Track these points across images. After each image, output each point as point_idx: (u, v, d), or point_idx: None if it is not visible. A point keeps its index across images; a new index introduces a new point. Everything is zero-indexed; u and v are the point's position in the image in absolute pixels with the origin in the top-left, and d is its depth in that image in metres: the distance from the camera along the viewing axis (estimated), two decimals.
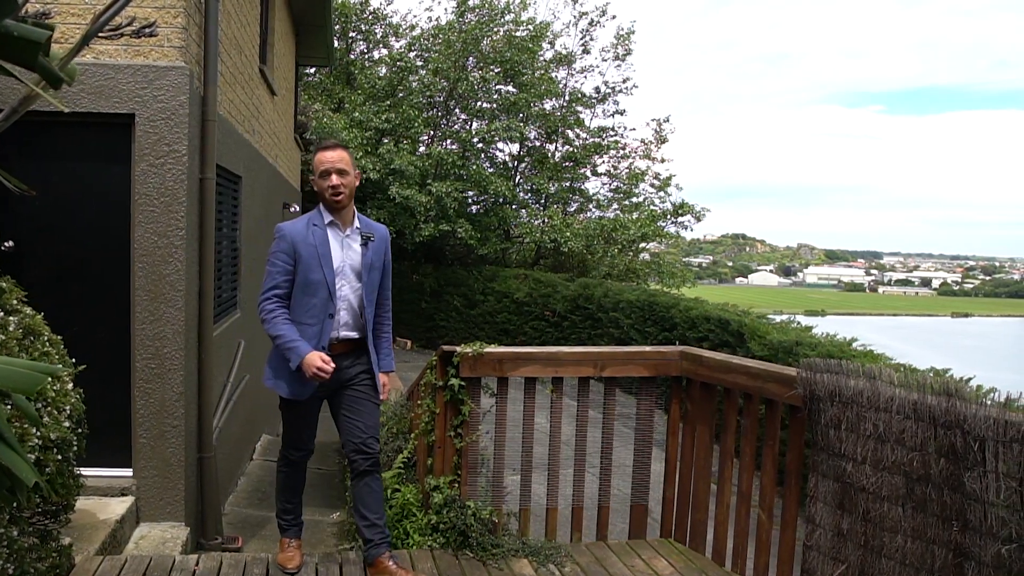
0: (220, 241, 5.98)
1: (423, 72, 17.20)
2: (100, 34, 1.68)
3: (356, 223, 3.85)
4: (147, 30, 1.92)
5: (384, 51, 18.64)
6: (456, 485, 4.34)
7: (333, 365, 3.64)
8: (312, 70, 17.55)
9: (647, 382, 4.45)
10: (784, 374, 3.60)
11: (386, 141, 16.51)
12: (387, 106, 16.58)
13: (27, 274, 4.68)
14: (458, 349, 4.24)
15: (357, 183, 3.86)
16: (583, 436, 4.41)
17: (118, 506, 4.61)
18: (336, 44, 17.16)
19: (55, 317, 4.15)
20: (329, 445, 8.55)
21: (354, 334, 3.84)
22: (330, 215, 3.79)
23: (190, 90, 4.77)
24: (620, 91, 18.24)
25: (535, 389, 4.38)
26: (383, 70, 17.90)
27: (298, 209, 11.62)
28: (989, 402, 2.81)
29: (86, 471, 4.06)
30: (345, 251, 3.78)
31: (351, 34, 18.45)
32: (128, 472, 4.86)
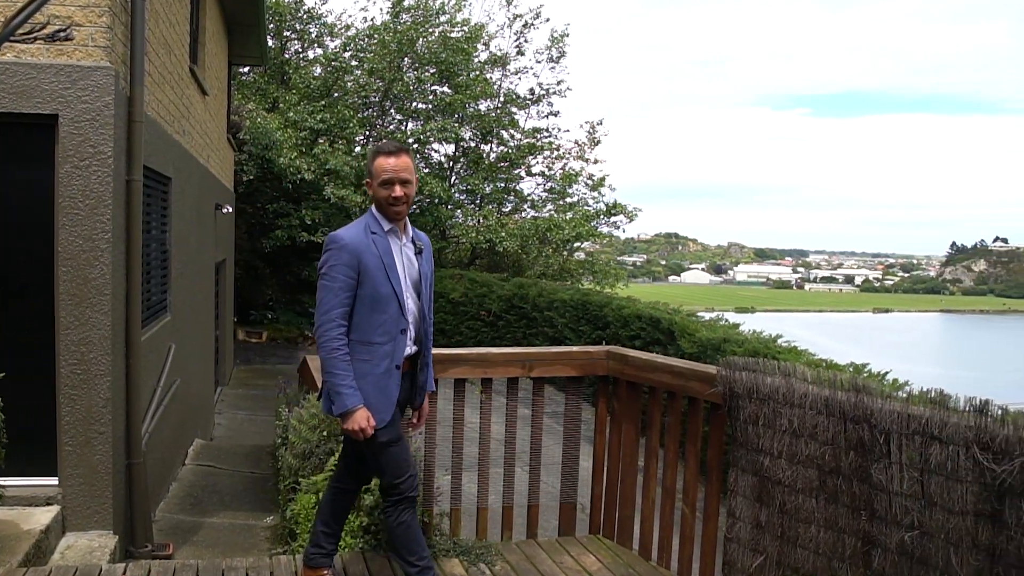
0: (148, 244, 5.85)
1: (358, 72, 17.08)
2: (12, 38, 1.65)
3: (410, 231, 3.53)
4: (62, 34, 1.88)
5: (319, 51, 18.44)
6: None
7: (373, 429, 3.36)
8: (246, 69, 17.27)
9: (575, 381, 4.51)
10: (705, 372, 3.69)
11: (321, 141, 16.34)
12: (322, 106, 16.41)
13: None
14: None
15: (416, 189, 3.57)
16: (512, 436, 4.44)
17: (43, 516, 4.48)
18: (270, 43, 16.90)
19: None
20: (263, 448, 8.42)
21: (414, 348, 3.52)
22: (389, 222, 3.44)
23: (115, 90, 4.66)
24: (554, 93, 18.41)
25: (465, 390, 4.39)
26: (318, 70, 17.72)
27: (231, 210, 11.42)
28: (898, 396, 2.92)
29: (8, 481, 3.94)
30: (406, 261, 3.47)
31: (285, 33, 18.20)
32: (54, 481, 4.73)
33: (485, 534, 4.51)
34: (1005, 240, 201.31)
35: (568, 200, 17.96)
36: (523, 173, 18.01)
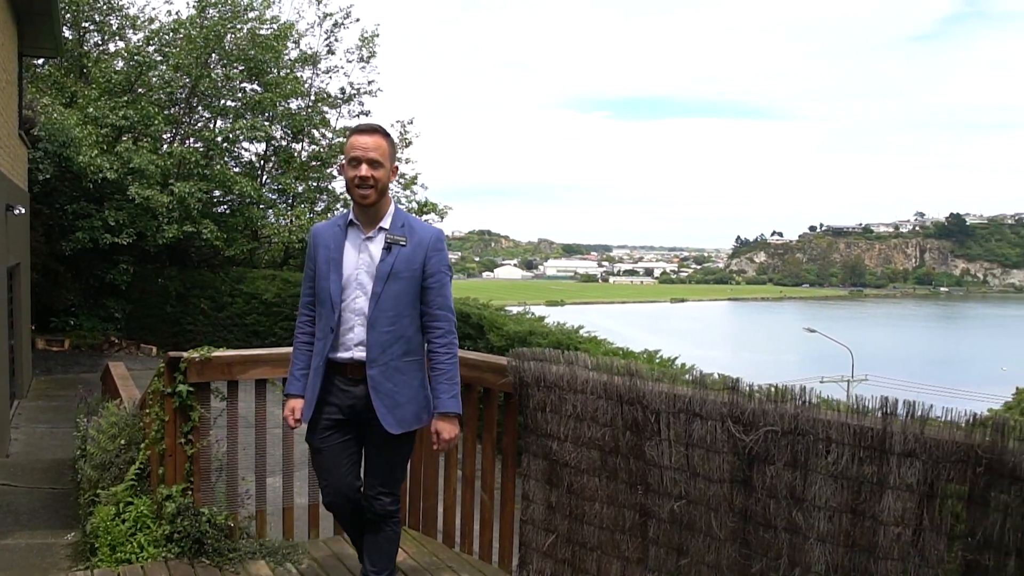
0: None
1: (163, 68, 16.08)
2: None
3: (386, 223, 3.14)
4: None
5: (121, 44, 17.19)
6: (189, 493, 4.14)
7: (297, 422, 3.24)
8: (40, 61, 15.80)
9: None
10: (497, 363, 3.77)
11: (124, 139, 15.26)
12: (125, 102, 15.32)
13: None
14: (184, 355, 4.04)
15: (393, 178, 3.20)
16: None
17: None
18: (67, 35, 15.56)
19: None
20: (64, 462, 7.80)
21: (360, 353, 3.11)
22: (352, 214, 3.17)
23: None
24: (365, 92, 18.15)
25: (267, 391, 4.26)
26: (120, 64, 16.52)
27: (23, 211, 10.43)
28: (665, 377, 3.11)
29: None
30: (361, 255, 3.12)
31: (84, 24, 16.81)
32: None
33: (292, 534, 4.41)
34: (781, 234, 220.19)
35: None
36: (335, 172, 17.61)
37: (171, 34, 16.50)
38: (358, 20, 18.19)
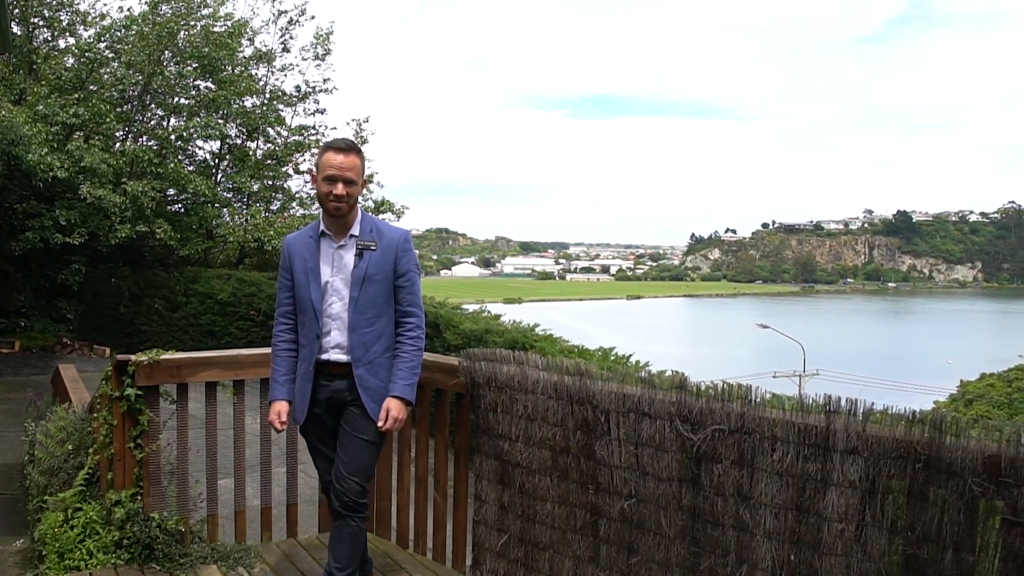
0: None
1: (115, 65, 15.69)
2: None
3: (356, 230, 3.31)
4: None
5: (71, 40, 16.73)
6: (139, 498, 4.06)
7: (284, 424, 3.39)
8: None
9: None
10: (449, 364, 3.74)
11: (76, 137, 14.86)
12: (76, 99, 14.90)
13: None
14: (132, 358, 3.95)
15: (362, 191, 3.41)
16: (268, 437, 4.27)
17: None
18: (16, 30, 15.10)
19: None
20: (14, 467, 7.58)
21: (344, 357, 3.28)
22: (323, 224, 3.32)
23: None
24: (321, 91, 17.87)
25: (216, 393, 4.17)
26: (71, 60, 16.08)
27: None
28: (615, 376, 3.11)
29: None
30: (335, 263, 3.29)
31: (33, 20, 16.33)
32: None
33: (244, 537, 4.34)
34: (734, 231, 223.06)
35: None
36: (291, 171, 17.35)
37: (123, 31, 16.11)
38: (313, 18, 18.00)
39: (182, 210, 16.55)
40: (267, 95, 17.32)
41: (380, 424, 3.24)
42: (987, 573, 2.24)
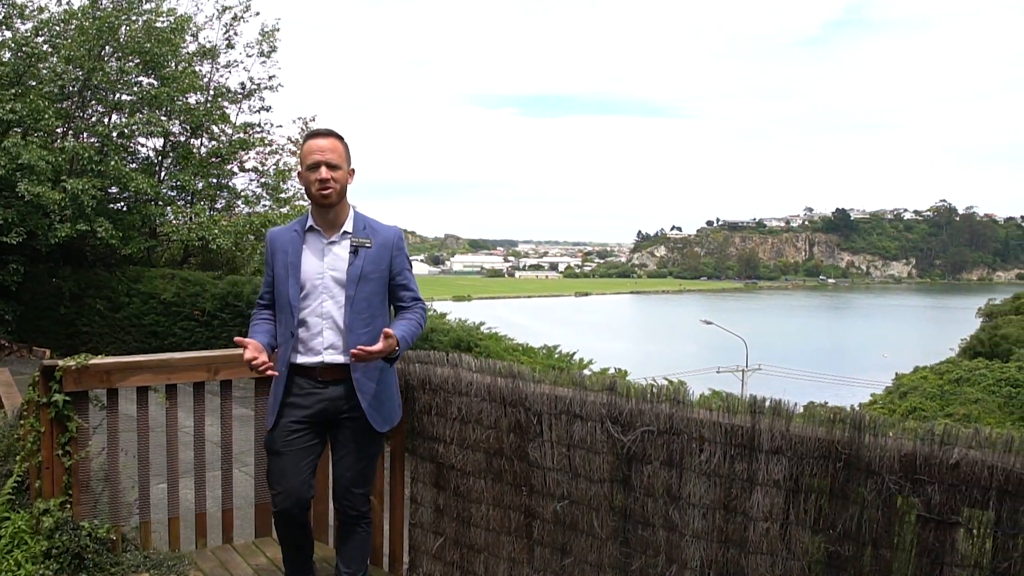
0: None
1: (54, 60, 15.19)
2: None
3: (349, 227, 3.13)
4: None
5: (8, 34, 16.14)
6: (69, 506, 3.92)
7: (258, 359, 2.99)
8: None
9: (265, 381, 4.31)
10: None
11: (14, 133, 14.36)
12: (12, 95, 14.39)
13: None
14: (60, 363, 3.82)
15: (351, 180, 3.15)
16: (201, 442, 4.16)
17: None
18: None
19: None
20: None
21: (341, 358, 3.07)
22: (312, 218, 3.13)
23: None
24: (266, 88, 17.53)
25: (148, 398, 4.05)
26: (7, 55, 15.52)
27: None
28: (547, 378, 3.08)
29: None
30: (326, 259, 3.10)
31: None
32: None
33: (178, 544, 4.21)
34: (680, 229, 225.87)
35: (284, 196, 17.25)
36: (236, 169, 17.00)
37: (62, 25, 15.61)
38: (258, 14, 17.75)
39: (124, 208, 16.10)
40: (211, 92, 16.94)
41: (356, 349, 2.95)
42: (904, 568, 2.27)
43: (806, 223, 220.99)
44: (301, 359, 3.10)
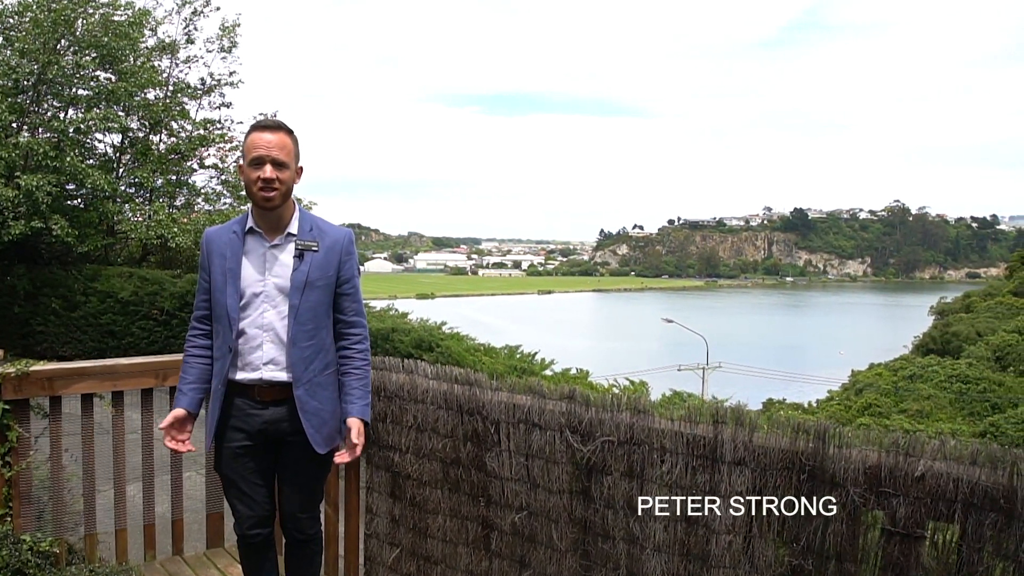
0: None
1: (8, 53, 14.71)
2: None
3: (294, 228, 2.81)
4: None
5: None
6: (9, 519, 3.71)
7: (179, 443, 2.82)
8: None
9: None
10: None
11: None
12: None
13: None
14: None
15: (299, 180, 2.82)
16: (149, 451, 3.98)
17: None
18: None
19: None
20: None
21: (283, 375, 2.79)
22: (252, 219, 2.80)
23: None
24: (227, 84, 17.16)
25: (93, 406, 3.86)
26: None
27: None
28: (505, 386, 2.96)
29: None
30: (268, 265, 2.78)
31: None
32: None
33: (126, 556, 4.03)
34: (642, 227, 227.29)
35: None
36: (196, 165, 16.63)
37: (16, 17, 15.13)
38: (219, 9, 17.19)
39: (81, 205, 15.66)
40: (170, 87, 16.55)
41: (347, 457, 2.80)
42: None
43: (765, 222, 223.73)
44: (240, 375, 2.81)
